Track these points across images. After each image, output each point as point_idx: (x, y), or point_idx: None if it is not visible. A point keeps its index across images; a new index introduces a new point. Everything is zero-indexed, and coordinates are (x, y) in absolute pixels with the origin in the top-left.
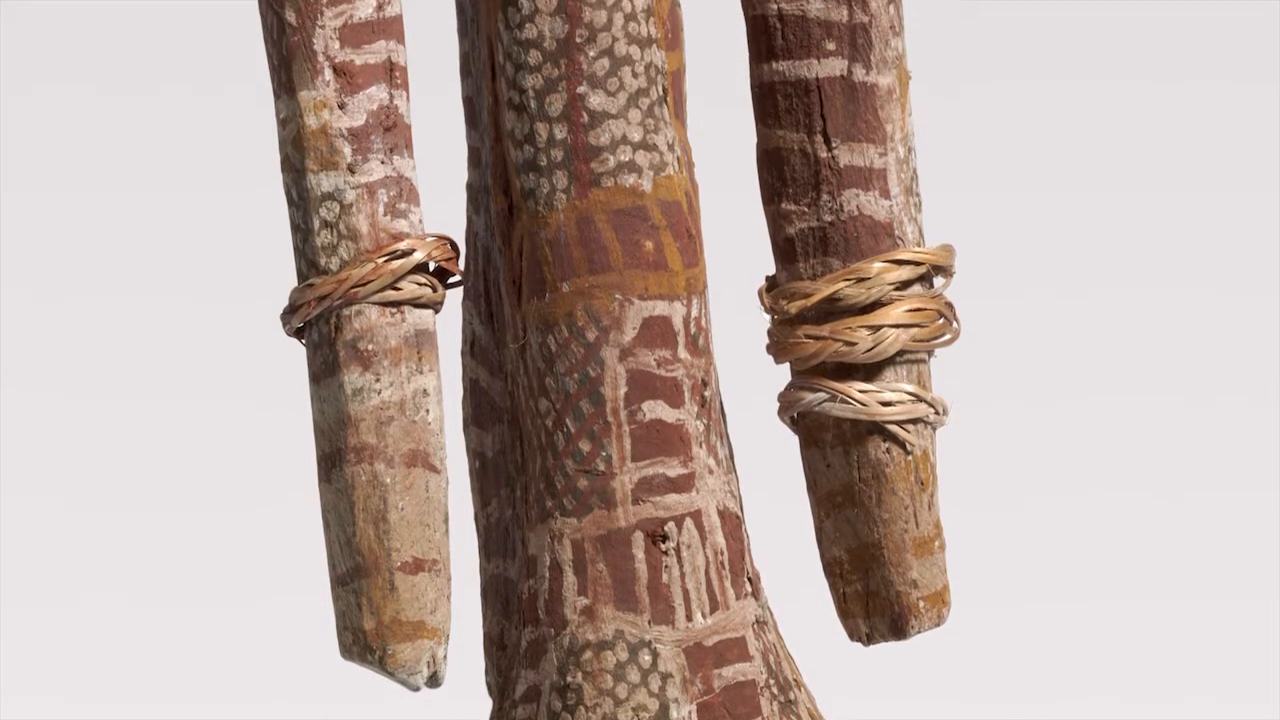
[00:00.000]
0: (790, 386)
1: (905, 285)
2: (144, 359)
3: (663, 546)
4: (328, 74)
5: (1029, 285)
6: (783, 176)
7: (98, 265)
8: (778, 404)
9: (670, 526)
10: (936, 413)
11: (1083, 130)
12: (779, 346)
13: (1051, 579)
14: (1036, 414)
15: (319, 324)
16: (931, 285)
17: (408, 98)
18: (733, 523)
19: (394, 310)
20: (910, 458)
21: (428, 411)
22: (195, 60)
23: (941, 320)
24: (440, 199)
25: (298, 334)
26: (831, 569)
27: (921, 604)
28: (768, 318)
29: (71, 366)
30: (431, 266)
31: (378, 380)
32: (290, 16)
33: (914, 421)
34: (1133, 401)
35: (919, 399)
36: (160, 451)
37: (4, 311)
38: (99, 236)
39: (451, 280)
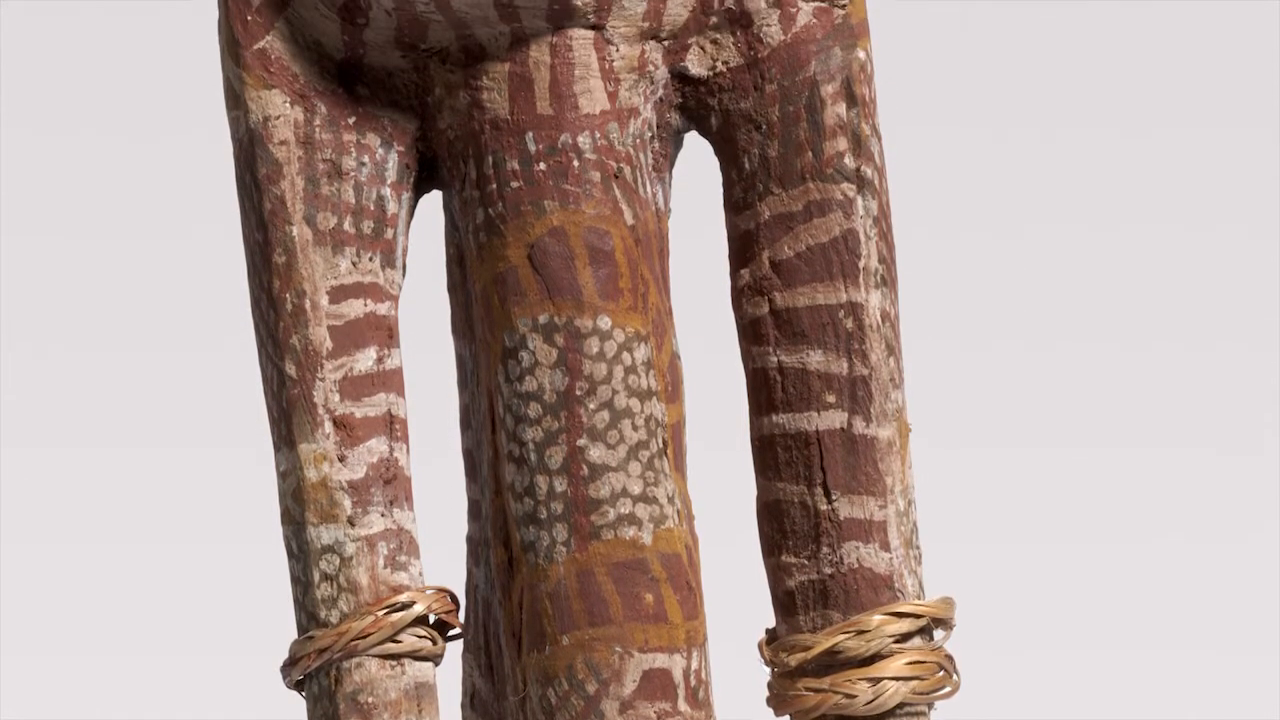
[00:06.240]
0: None
1: (905, 638)
2: (138, 712)
3: None
4: (328, 427)
5: (1026, 634)
6: (783, 529)
7: (94, 614)
8: None
9: None
10: None
11: (1084, 485)
12: (779, 699)
13: None
14: None
15: (319, 676)
16: (931, 638)
17: (408, 450)
18: None
19: (394, 663)
20: None
21: None
22: (193, 418)
23: (942, 673)
24: (440, 551)
25: (298, 686)
26: None
27: None
28: (768, 670)
29: None
30: (432, 619)
31: None
32: (290, 369)
33: None
34: None
35: None
36: None
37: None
38: (91, 590)
39: (452, 633)
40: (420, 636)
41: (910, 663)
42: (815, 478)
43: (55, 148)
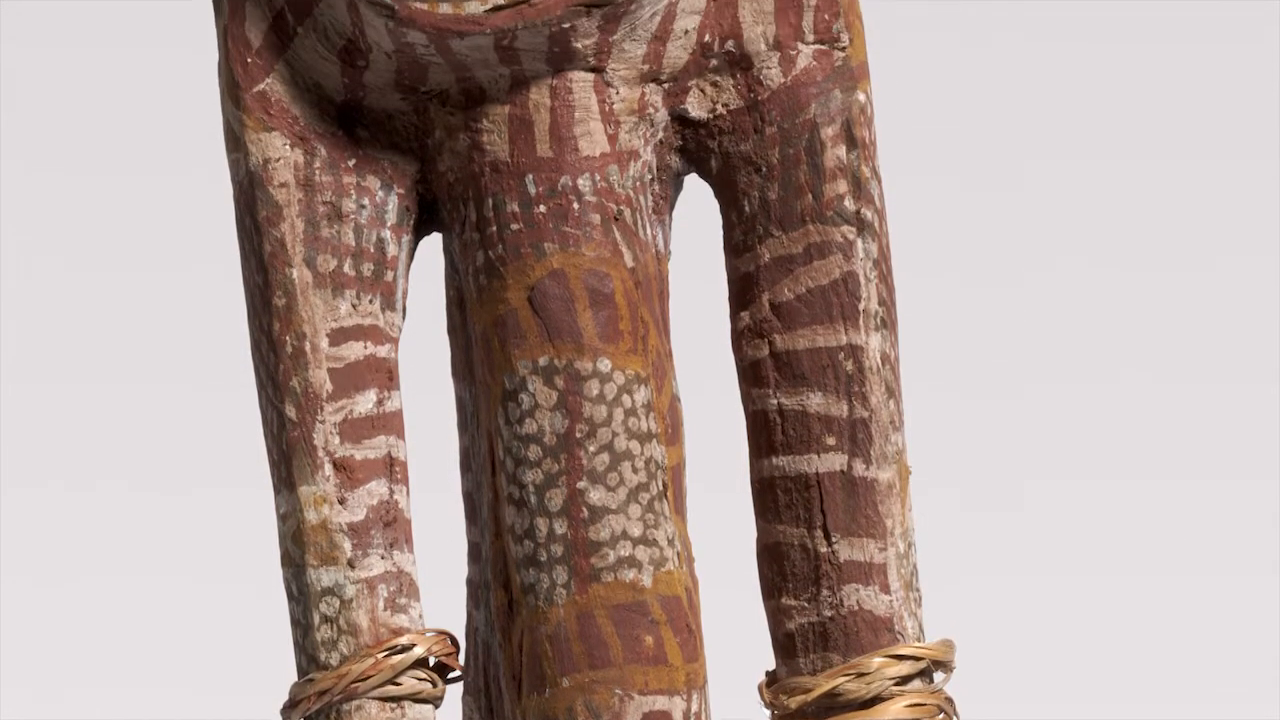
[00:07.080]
0: None
1: (905, 680)
2: None
3: None
4: (328, 469)
5: (1027, 676)
6: (783, 571)
7: (95, 654)
8: None
9: None
10: None
11: (1086, 527)
12: None
13: None
14: None
15: (319, 719)
16: (931, 680)
17: (408, 492)
18: None
19: (394, 705)
20: None
21: None
22: (193, 460)
23: (942, 715)
24: (440, 593)
25: None
26: None
27: None
28: (768, 712)
29: None
30: (432, 661)
31: None
32: (290, 412)
33: None
34: None
35: None
36: None
37: None
38: (92, 629)
39: (452, 675)
40: (420, 679)
41: (910, 705)
42: (815, 520)
43: (55, 189)
